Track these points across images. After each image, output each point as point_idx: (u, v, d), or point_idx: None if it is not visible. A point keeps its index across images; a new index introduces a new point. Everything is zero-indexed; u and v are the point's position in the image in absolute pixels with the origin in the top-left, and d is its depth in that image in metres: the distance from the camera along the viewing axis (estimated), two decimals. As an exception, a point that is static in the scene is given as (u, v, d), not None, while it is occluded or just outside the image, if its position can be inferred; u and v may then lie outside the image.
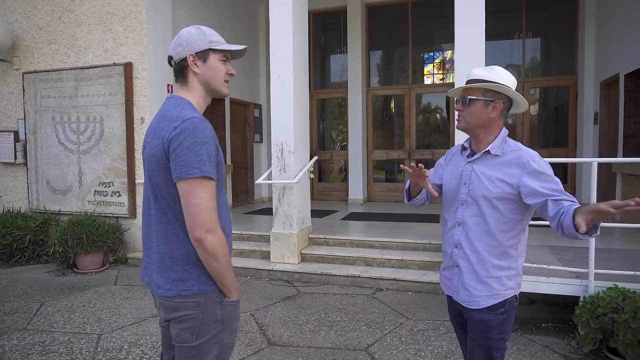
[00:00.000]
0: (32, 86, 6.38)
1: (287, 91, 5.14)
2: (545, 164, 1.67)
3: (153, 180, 1.51)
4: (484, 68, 1.77)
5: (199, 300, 1.50)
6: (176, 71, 1.58)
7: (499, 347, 1.75)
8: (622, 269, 3.48)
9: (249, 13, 8.68)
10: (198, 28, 1.56)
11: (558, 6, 7.95)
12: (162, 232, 1.51)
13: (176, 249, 1.49)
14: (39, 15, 6.33)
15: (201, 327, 1.51)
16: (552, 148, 8.05)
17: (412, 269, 4.80)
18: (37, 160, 6.43)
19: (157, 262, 1.54)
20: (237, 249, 5.50)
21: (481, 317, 1.75)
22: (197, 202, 1.40)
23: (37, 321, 3.83)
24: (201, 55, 1.54)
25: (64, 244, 5.22)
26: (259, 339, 3.45)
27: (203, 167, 1.40)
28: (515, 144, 1.77)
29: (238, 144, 8.49)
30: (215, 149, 1.46)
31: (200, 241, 1.41)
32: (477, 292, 1.75)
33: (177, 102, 1.52)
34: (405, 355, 3.16)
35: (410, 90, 8.64)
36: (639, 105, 6.03)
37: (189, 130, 1.40)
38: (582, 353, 3.13)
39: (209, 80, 1.56)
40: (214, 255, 1.44)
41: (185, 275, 1.49)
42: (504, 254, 1.72)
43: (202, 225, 1.40)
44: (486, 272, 1.73)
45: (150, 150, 1.49)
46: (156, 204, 1.53)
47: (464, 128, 1.80)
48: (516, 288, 1.76)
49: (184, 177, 1.40)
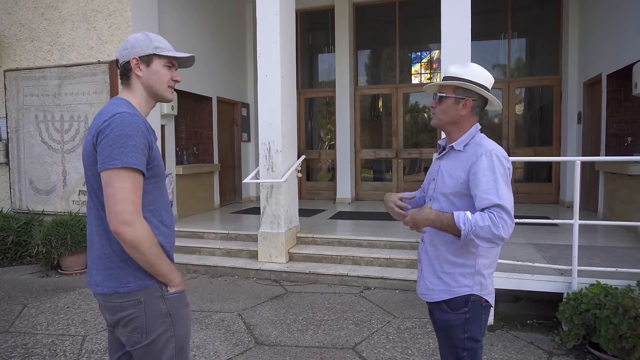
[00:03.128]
0: (14, 84, 6.26)
1: (275, 90, 5.12)
2: (499, 162, 1.63)
3: (87, 178, 1.52)
4: (459, 65, 1.78)
5: (138, 297, 1.49)
6: (121, 74, 1.61)
7: (465, 347, 1.72)
8: (604, 266, 3.54)
9: (236, 12, 8.63)
10: (145, 34, 1.60)
11: (543, 7, 8.05)
12: (96, 228, 1.51)
13: (109, 245, 1.49)
14: (21, 12, 6.22)
15: (148, 325, 1.50)
16: (537, 147, 8.15)
17: (400, 267, 4.83)
18: (19, 160, 6.31)
19: (95, 260, 1.53)
20: (224, 249, 5.47)
21: (442, 317, 1.77)
22: (113, 192, 1.39)
23: (19, 323, 3.76)
24: (145, 60, 1.58)
25: (47, 244, 5.13)
26: (247, 339, 3.43)
27: (125, 158, 1.39)
28: (480, 139, 1.73)
29: (225, 143, 8.44)
30: (144, 143, 1.46)
31: (118, 234, 1.40)
32: (432, 286, 1.78)
33: (116, 101, 1.55)
34: (392, 353, 3.17)
35: (398, 89, 8.68)
36: (620, 105, 6.14)
37: (115, 124, 1.42)
38: (565, 349, 3.18)
39: (152, 84, 1.59)
40: (135, 247, 1.42)
41: (120, 272, 1.48)
42: (460, 250, 1.70)
43: (118, 217, 1.38)
44: (440, 267, 1.75)
45: (84, 146, 1.52)
46: (91, 200, 1.54)
47: (436, 125, 1.83)
48: (474, 287, 1.71)
49: (106, 168, 1.40)
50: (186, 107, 7.34)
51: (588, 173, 6.88)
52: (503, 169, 1.63)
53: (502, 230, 1.53)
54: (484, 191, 1.59)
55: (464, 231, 1.55)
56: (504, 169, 1.64)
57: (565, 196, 7.56)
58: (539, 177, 8.31)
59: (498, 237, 1.54)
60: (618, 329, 2.81)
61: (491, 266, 1.77)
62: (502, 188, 1.58)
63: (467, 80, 1.72)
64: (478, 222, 1.54)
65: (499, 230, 1.52)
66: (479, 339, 1.74)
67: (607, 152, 6.17)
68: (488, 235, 1.54)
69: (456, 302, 1.73)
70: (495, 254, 1.78)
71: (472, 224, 1.54)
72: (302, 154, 7.39)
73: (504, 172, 1.63)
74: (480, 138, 1.74)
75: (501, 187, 1.59)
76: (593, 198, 6.63)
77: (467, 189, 1.67)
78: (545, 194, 8.05)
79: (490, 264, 1.76)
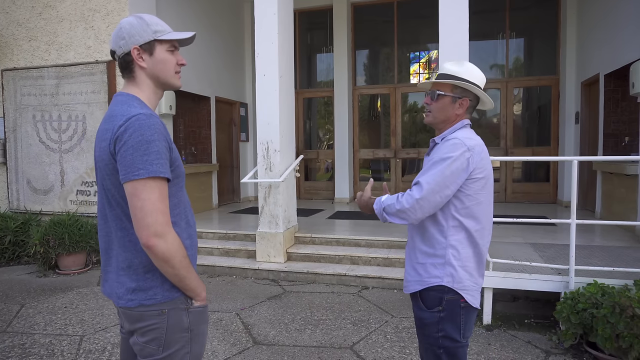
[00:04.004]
0: (11, 84, 6.25)
1: (273, 90, 5.12)
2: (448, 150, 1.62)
3: (105, 186, 1.40)
4: (454, 62, 1.76)
5: (163, 308, 1.40)
6: (121, 66, 1.46)
7: (441, 345, 1.70)
8: (601, 266, 3.54)
9: (234, 11, 8.63)
10: (139, 17, 1.44)
11: (540, 7, 8.07)
12: (119, 239, 1.41)
13: (135, 257, 1.40)
14: (19, 11, 6.20)
15: (167, 338, 1.41)
16: (535, 147, 8.17)
17: (398, 267, 4.83)
18: (17, 160, 6.30)
19: (116, 272, 1.44)
20: (222, 249, 5.46)
21: (418, 314, 1.77)
22: (140, 205, 1.29)
23: (17, 323, 3.76)
24: (146, 48, 1.43)
25: (45, 244, 5.12)
26: (245, 339, 3.43)
27: (150, 166, 1.29)
28: (460, 132, 1.72)
29: (224, 143, 8.44)
30: (166, 146, 1.35)
31: (149, 247, 1.31)
32: (409, 277, 1.80)
33: (124, 99, 1.41)
34: (390, 352, 3.18)
35: (396, 89, 8.69)
36: (618, 105, 6.16)
37: (133, 128, 1.29)
38: (562, 348, 3.19)
39: (158, 74, 1.45)
40: (166, 261, 1.33)
41: (147, 284, 1.40)
42: (429, 239, 1.72)
43: (149, 230, 1.29)
44: (415, 257, 1.77)
45: (98, 154, 1.39)
46: (111, 210, 1.42)
47: (429, 122, 1.82)
48: (444, 278, 1.67)
49: (129, 179, 1.29)
50: (184, 106, 7.33)
51: (586, 173, 6.89)
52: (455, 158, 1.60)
53: (402, 203, 1.64)
54: (420, 173, 1.69)
55: (377, 211, 1.72)
56: (456, 157, 1.61)
57: (562, 196, 7.58)
58: (537, 177, 8.33)
59: (401, 212, 1.64)
60: (615, 328, 2.82)
61: (465, 259, 1.69)
62: (435, 173, 1.62)
63: (466, 81, 1.71)
64: (387, 201, 1.70)
65: (400, 204, 1.64)
66: (456, 339, 1.70)
67: (604, 152, 6.19)
68: (392, 211, 1.67)
69: (430, 298, 1.71)
70: (472, 247, 1.70)
71: (382, 204, 1.71)
72: (300, 153, 7.40)
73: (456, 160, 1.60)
74: (460, 131, 1.72)
75: (436, 171, 1.63)
76: (591, 198, 6.64)
77: None
78: (543, 193, 8.07)
79: (465, 257, 1.69)
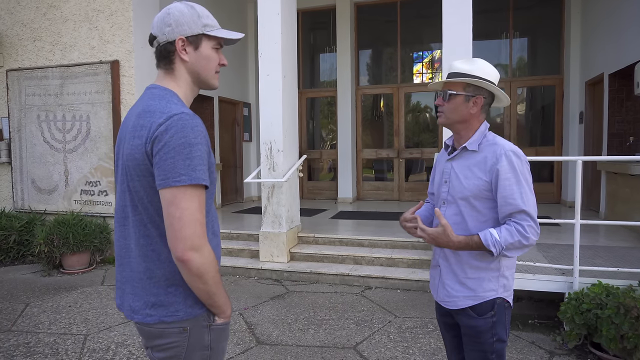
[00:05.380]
0: (16, 84, 6.27)
1: (276, 90, 5.13)
2: (519, 161, 1.60)
3: (132, 187, 1.27)
4: (465, 60, 1.69)
5: (185, 325, 1.29)
6: (160, 55, 1.33)
7: (494, 350, 1.68)
8: (606, 266, 3.53)
9: (238, 11, 8.63)
10: (191, 7, 1.31)
11: (544, 6, 8.04)
12: (141, 247, 1.28)
13: (158, 268, 1.27)
14: (23, 12, 6.23)
15: (187, 356, 1.31)
16: (538, 147, 8.14)
17: (401, 267, 4.83)
18: (21, 159, 6.33)
19: (134, 282, 1.31)
20: (226, 248, 5.47)
21: (470, 323, 1.69)
22: (179, 214, 1.17)
23: (21, 322, 3.78)
24: (192, 41, 1.31)
25: (49, 244, 5.14)
26: (248, 338, 3.44)
27: (193, 173, 1.18)
28: (493, 137, 1.69)
29: (227, 143, 8.45)
30: (207, 150, 1.25)
31: (184, 261, 1.19)
32: (455, 292, 1.70)
33: (161, 93, 1.29)
34: (393, 352, 3.17)
35: (400, 89, 8.68)
36: (622, 104, 6.13)
37: (176, 129, 1.18)
38: (567, 349, 3.18)
39: (199, 71, 1.34)
40: (200, 276, 1.22)
41: (169, 299, 1.28)
42: (483, 254, 1.62)
43: (186, 242, 1.17)
44: (464, 272, 1.68)
45: (129, 151, 1.25)
46: (135, 214, 1.29)
47: (443, 123, 1.75)
48: (499, 290, 1.67)
49: (169, 185, 1.17)
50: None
51: (590, 173, 6.86)
52: (524, 169, 1.61)
53: (531, 238, 1.56)
54: (507, 196, 1.57)
55: (496, 252, 1.56)
56: (525, 168, 1.61)
57: (567, 196, 7.55)
58: (541, 177, 8.29)
59: (528, 246, 1.58)
60: (619, 329, 2.80)
61: (512, 266, 1.74)
62: (525, 191, 1.57)
63: (479, 77, 1.64)
64: (508, 240, 1.55)
65: (528, 240, 1.56)
66: (505, 340, 1.71)
67: (609, 152, 6.16)
68: (519, 247, 1.57)
69: (482, 307, 1.67)
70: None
71: (502, 244, 1.55)
72: (303, 153, 7.39)
73: (525, 170, 1.61)
74: (493, 136, 1.70)
75: (524, 190, 1.58)
76: (595, 198, 6.61)
77: (488, 191, 1.62)
78: (547, 193, 8.04)
79: (512, 264, 1.73)
